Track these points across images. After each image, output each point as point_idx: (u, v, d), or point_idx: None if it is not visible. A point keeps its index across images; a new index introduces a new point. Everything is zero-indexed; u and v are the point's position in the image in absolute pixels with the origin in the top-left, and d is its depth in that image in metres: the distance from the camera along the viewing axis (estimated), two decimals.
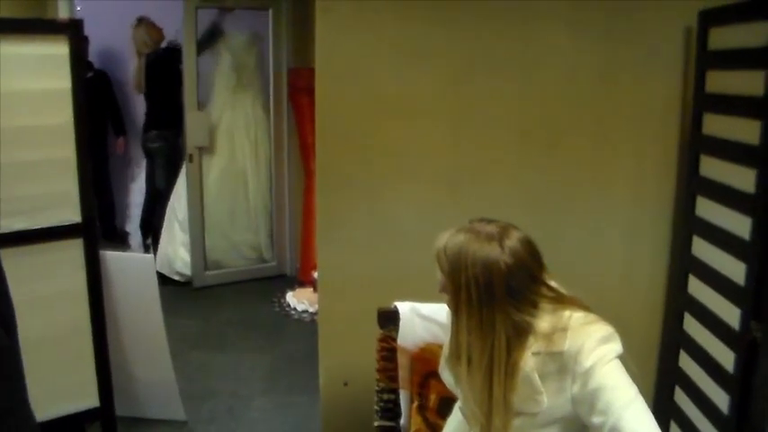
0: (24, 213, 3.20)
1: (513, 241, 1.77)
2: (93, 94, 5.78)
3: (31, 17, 4.59)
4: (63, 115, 3.23)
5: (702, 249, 2.85)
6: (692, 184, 2.93)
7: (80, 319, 3.44)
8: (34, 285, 3.27)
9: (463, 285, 1.76)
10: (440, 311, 2.37)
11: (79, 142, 3.28)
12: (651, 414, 1.65)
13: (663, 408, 3.13)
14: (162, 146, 6.34)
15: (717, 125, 2.76)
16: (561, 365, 1.75)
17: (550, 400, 1.78)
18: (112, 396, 3.60)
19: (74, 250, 3.37)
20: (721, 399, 2.65)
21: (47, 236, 3.27)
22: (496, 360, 1.77)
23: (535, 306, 1.80)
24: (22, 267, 3.22)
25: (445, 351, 2.03)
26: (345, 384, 3.17)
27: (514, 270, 1.74)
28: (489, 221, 1.83)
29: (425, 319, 2.43)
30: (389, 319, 2.49)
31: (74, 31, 3.23)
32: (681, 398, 3.01)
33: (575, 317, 1.78)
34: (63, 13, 5.18)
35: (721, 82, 2.75)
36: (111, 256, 3.57)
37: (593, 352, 1.70)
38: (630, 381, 1.69)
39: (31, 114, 3.17)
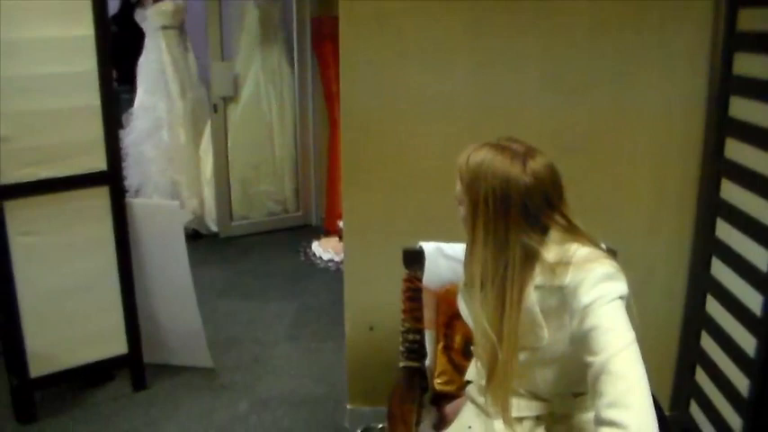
0: (50, 162, 3.21)
1: (536, 163, 1.76)
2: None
3: None
4: (87, 63, 3.23)
5: (726, 233, 2.80)
6: (717, 165, 2.87)
7: (107, 267, 3.48)
8: (61, 233, 3.30)
9: (481, 196, 1.77)
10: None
11: (104, 90, 3.27)
12: (642, 362, 1.60)
13: (684, 387, 3.13)
14: None
15: (745, 110, 2.69)
16: (561, 300, 1.74)
17: (551, 335, 1.78)
18: (140, 343, 3.65)
19: (100, 198, 3.39)
20: (742, 382, 2.63)
21: (73, 184, 3.29)
22: (509, 278, 1.78)
23: (545, 232, 1.80)
24: (49, 215, 3.26)
25: (462, 278, 2.04)
26: (371, 329, 3.18)
27: (532, 190, 1.74)
28: (516, 140, 1.83)
29: (451, 260, 2.42)
30: (414, 259, 2.49)
31: None
32: (702, 378, 2.99)
33: (579, 252, 1.76)
34: None
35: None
36: (137, 204, 3.59)
37: (592, 289, 1.67)
38: (629, 325, 1.65)
39: (55, 62, 3.16)
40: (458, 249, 2.39)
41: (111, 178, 3.38)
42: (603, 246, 1.91)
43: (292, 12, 6.17)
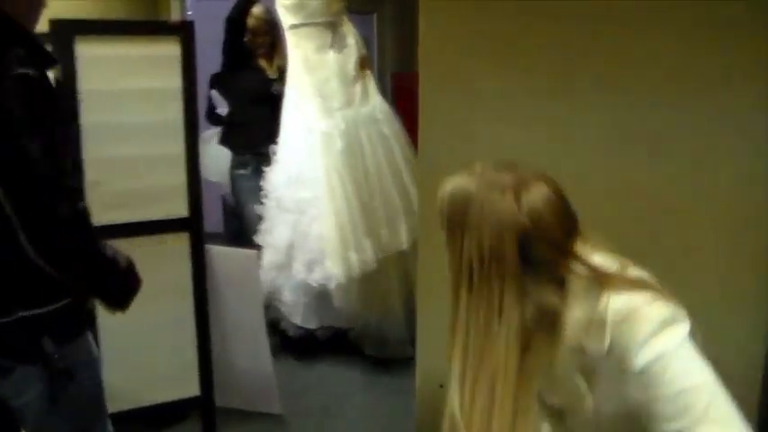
0: (134, 206, 3.32)
1: (533, 196, 1.41)
2: None
3: (144, 19, 4.75)
4: (174, 112, 3.34)
5: None
6: None
7: (184, 310, 3.54)
8: (142, 275, 3.38)
9: (465, 248, 1.42)
10: None
11: (189, 138, 3.38)
12: (735, 411, 1.35)
13: None
14: None
15: None
16: (604, 365, 1.44)
17: (596, 402, 1.49)
18: (212, 386, 3.69)
19: (180, 243, 3.48)
20: None
21: (155, 228, 3.39)
22: (502, 368, 1.40)
23: (562, 284, 1.43)
24: (131, 258, 3.34)
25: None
26: (441, 387, 3.16)
27: (532, 235, 1.40)
28: (506, 166, 1.47)
29: None
30: None
31: (185, 33, 3.35)
32: None
33: (613, 305, 1.41)
34: (175, 15, 5.34)
35: None
36: (215, 251, 3.66)
37: (643, 348, 1.37)
38: (702, 367, 1.38)
39: (143, 111, 3.29)
40: None
41: (192, 224, 3.47)
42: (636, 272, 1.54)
43: (374, 65, 6.23)
